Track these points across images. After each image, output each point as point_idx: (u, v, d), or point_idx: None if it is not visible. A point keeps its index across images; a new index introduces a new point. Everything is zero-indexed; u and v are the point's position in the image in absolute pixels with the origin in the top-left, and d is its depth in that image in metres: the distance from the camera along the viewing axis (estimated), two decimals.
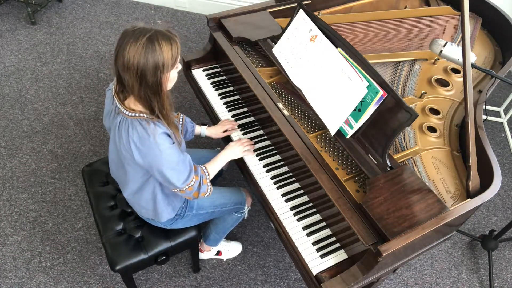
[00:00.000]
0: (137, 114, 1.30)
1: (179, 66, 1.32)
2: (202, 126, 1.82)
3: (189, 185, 1.41)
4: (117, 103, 1.33)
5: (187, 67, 2.05)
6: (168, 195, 1.53)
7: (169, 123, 1.34)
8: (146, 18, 3.47)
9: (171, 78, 1.31)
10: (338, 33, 1.59)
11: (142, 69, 1.20)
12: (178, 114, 1.71)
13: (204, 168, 1.53)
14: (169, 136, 1.33)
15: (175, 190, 1.43)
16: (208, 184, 1.50)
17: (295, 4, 1.77)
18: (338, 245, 1.51)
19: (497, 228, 2.35)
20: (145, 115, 1.30)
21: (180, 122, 1.71)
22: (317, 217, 1.58)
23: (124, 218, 1.73)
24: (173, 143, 1.35)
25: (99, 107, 2.78)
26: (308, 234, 1.52)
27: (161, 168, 1.33)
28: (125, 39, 1.21)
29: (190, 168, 1.41)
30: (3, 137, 2.57)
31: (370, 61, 1.49)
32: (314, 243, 1.50)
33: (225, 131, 1.81)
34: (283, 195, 1.62)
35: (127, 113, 1.30)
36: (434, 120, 1.74)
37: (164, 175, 1.35)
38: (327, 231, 1.54)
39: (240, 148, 1.68)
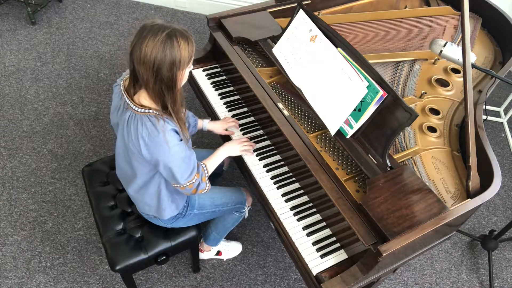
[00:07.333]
0: (146, 110, 1.31)
1: (191, 66, 1.35)
2: (204, 120, 1.83)
3: (190, 182, 1.43)
4: (126, 98, 1.34)
5: None
6: (172, 193, 1.54)
7: (179, 119, 1.36)
8: (146, 18, 3.47)
9: (185, 76, 1.33)
10: (338, 33, 1.59)
11: (159, 63, 1.22)
12: None
13: (203, 165, 1.53)
14: (177, 133, 1.35)
15: (176, 186, 1.45)
16: (207, 181, 1.51)
17: (295, 4, 1.77)
18: (338, 245, 1.51)
19: (497, 228, 2.35)
20: (154, 111, 1.32)
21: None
22: (317, 217, 1.58)
23: (124, 218, 1.73)
24: (181, 139, 1.37)
25: (99, 107, 2.78)
26: (308, 234, 1.52)
27: (168, 164, 1.35)
28: (144, 33, 1.22)
29: (193, 166, 1.43)
30: (3, 137, 2.57)
31: (370, 61, 1.49)
32: (314, 243, 1.50)
33: (226, 130, 1.82)
34: (283, 195, 1.62)
35: (136, 109, 1.32)
36: (434, 120, 1.74)
37: (170, 170, 1.37)
38: (327, 231, 1.54)
39: (238, 146, 1.68)
